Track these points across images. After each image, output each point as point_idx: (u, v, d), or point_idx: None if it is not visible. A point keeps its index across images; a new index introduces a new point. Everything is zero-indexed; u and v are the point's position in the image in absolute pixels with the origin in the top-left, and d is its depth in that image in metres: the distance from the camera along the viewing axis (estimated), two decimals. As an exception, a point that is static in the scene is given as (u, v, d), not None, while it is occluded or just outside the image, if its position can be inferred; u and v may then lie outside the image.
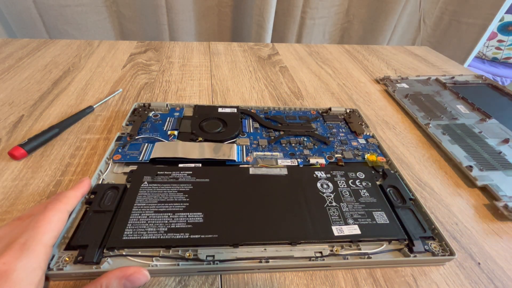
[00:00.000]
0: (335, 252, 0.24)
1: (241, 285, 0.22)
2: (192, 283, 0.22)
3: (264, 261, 0.23)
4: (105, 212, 0.25)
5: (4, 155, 0.32)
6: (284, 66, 0.60)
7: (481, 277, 0.24)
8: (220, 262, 0.22)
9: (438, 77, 0.57)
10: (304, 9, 1.01)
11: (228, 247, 0.23)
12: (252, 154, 0.33)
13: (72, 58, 0.55)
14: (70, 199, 0.23)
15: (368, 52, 0.71)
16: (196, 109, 0.40)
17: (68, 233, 0.23)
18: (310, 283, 0.23)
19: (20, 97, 0.42)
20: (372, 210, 0.27)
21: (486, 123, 0.43)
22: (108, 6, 0.90)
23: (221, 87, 0.50)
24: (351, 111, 0.43)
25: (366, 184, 0.30)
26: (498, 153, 0.37)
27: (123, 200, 0.26)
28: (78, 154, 0.33)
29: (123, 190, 0.27)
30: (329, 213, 0.26)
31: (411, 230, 0.25)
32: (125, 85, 0.48)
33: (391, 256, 0.24)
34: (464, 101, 0.49)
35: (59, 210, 0.21)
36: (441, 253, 0.24)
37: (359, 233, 0.25)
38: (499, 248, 0.27)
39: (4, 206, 0.26)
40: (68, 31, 0.89)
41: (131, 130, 0.35)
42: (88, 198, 0.26)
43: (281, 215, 0.26)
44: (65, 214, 0.22)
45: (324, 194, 0.28)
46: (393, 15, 1.04)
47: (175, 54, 0.61)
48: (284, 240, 0.24)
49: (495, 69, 1.54)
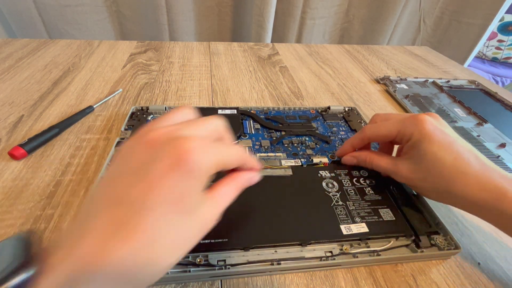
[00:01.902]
0: (345, 251, 0.24)
1: (241, 285, 0.22)
2: (192, 283, 0.22)
3: (276, 263, 0.23)
4: None
5: (4, 155, 0.32)
6: (284, 66, 0.60)
7: (481, 277, 0.24)
8: (232, 266, 0.22)
9: (435, 80, 0.57)
10: (304, 9, 1.01)
11: (238, 251, 0.23)
12: (256, 155, 0.33)
13: (72, 58, 0.55)
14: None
15: (368, 52, 0.71)
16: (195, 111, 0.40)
17: None
18: (310, 283, 0.23)
19: (20, 97, 0.42)
20: (378, 208, 0.27)
21: (483, 127, 0.44)
22: (108, 6, 0.90)
23: (221, 87, 0.50)
24: (350, 109, 0.43)
25: (370, 182, 0.30)
26: (497, 157, 0.38)
27: None
28: (78, 154, 0.33)
29: None
30: (336, 212, 0.26)
31: (417, 225, 0.26)
32: (125, 85, 0.48)
33: (399, 252, 0.25)
34: (460, 105, 0.50)
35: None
36: (447, 247, 0.25)
37: (367, 231, 0.25)
38: (499, 248, 0.27)
39: (4, 206, 0.26)
40: (68, 31, 0.89)
41: (131, 135, 0.34)
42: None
43: (289, 216, 0.26)
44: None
45: (330, 193, 0.28)
46: (393, 15, 1.04)
47: (175, 54, 0.61)
48: (294, 241, 0.24)
49: (495, 69, 1.54)
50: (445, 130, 0.25)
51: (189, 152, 0.15)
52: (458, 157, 0.23)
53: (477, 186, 0.22)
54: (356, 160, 0.31)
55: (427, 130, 0.24)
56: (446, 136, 0.24)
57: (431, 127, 0.24)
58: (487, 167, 0.23)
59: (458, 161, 0.23)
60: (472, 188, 0.23)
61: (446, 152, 0.23)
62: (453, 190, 0.23)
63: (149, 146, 0.16)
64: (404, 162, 0.26)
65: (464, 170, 0.23)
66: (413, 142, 0.25)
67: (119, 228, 0.14)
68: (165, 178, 0.15)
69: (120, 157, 0.17)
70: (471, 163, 0.23)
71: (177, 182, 0.15)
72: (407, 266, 0.25)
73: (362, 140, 0.30)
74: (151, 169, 0.15)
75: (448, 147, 0.24)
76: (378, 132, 0.28)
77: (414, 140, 0.25)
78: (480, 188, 0.22)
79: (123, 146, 0.18)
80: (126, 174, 0.16)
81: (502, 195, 0.22)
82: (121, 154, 0.17)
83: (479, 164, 0.23)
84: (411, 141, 0.25)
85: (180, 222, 0.16)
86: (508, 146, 0.40)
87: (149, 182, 0.15)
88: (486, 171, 0.23)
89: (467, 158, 0.23)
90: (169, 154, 0.15)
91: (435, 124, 0.25)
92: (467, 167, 0.23)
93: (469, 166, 0.23)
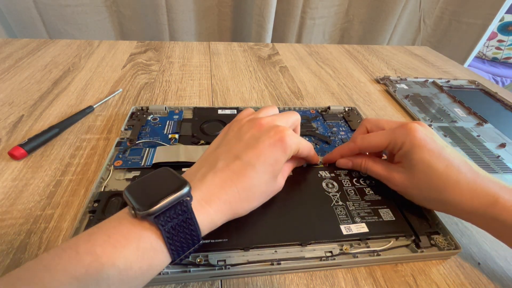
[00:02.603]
0: (345, 251, 0.24)
1: (241, 285, 0.22)
2: (192, 283, 0.22)
3: (276, 263, 0.23)
4: None
5: (4, 155, 0.32)
6: (284, 66, 0.60)
7: (481, 277, 0.24)
8: (232, 266, 0.22)
9: (435, 80, 0.57)
10: (304, 9, 1.01)
11: (238, 251, 0.23)
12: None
13: (72, 58, 0.55)
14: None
15: (368, 52, 0.71)
16: (196, 111, 0.40)
17: None
18: (310, 283, 0.23)
19: (20, 97, 0.42)
20: (378, 208, 0.27)
21: (483, 127, 0.44)
22: (108, 6, 0.90)
23: (221, 87, 0.50)
24: (350, 109, 0.43)
25: (370, 182, 0.30)
26: (497, 157, 0.38)
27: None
28: (78, 154, 0.33)
29: None
30: (336, 212, 0.26)
31: (417, 226, 0.26)
32: (125, 85, 0.48)
33: (399, 252, 0.25)
34: (460, 105, 0.50)
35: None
36: (447, 247, 0.25)
37: (367, 231, 0.25)
38: (499, 248, 0.27)
39: (4, 206, 0.26)
40: (68, 31, 0.89)
41: (131, 135, 0.34)
42: (91, 207, 0.25)
43: (289, 216, 0.26)
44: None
45: (330, 193, 0.28)
46: (393, 15, 1.04)
47: (175, 54, 0.61)
48: (294, 241, 0.24)
49: (495, 69, 1.54)
50: (434, 138, 0.25)
51: (286, 136, 0.23)
52: (450, 165, 0.23)
53: (469, 194, 0.23)
54: (352, 164, 0.31)
55: (418, 139, 0.24)
56: (436, 144, 0.24)
57: (421, 135, 0.25)
58: (478, 174, 0.23)
59: (450, 169, 0.23)
60: (465, 196, 0.23)
61: (437, 160, 0.24)
62: (445, 198, 0.24)
63: (259, 127, 0.24)
64: (398, 170, 0.27)
65: (456, 178, 0.23)
66: (404, 152, 0.25)
67: (234, 174, 0.22)
68: (268, 150, 0.23)
69: (238, 129, 0.25)
70: (462, 171, 0.23)
71: (275, 153, 0.23)
72: (407, 266, 0.25)
73: (352, 150, 0.30)
74: (260, 142, 0.23)
75: (439, 155, 0.24)
76: (369, 143, 0.28)
77: (405, 149, 0.25)
78: (472, 195, 0.22)
79: (236, 122, 0.26)
80: (242, 141, 0.23)
81: (494, 202, 0.22)
82: (237, 127, 0.25)
83: (470, 172, 0.23)
84: (402, 150, 0.26)
85: (268, 180, 0.23)
86: (508, 146, 0.40)
87: (258, 150, 0.22)
88: (478, 178, 0.23)
89: (457, 165, 0.23)
90: (273, 135, 0.23)
91: (425, 133, 0.25)
92: (458, 175, 0.23)
93: (461, 174, 0.23)
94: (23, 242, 0.24)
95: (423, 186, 0.25)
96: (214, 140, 0.26)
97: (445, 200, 0.24)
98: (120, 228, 0.18)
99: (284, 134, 0.23)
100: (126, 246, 0.17)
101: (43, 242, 0.24)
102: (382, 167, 0.28)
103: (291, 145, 0.24)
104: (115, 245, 0.17)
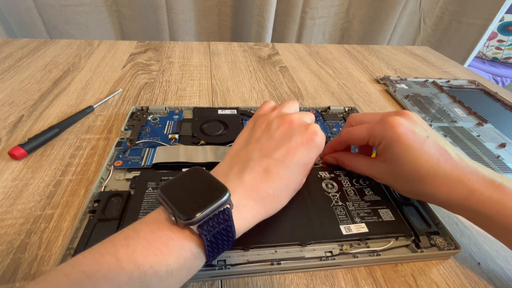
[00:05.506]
0: (345, 251, 0.24)
1: (241, 285, 0.22)
2: (192, 283, 0.22)
3: (276, 263, 0.23)
4: (110, 220, 0.24)
5: (4, 155, 0.32)
6: (284, 66, 0.60)
7: (481, 277, 0.24)
8: (232, 266, 0.22)
9: (435, 80, 0.57)
10: (304, 9, 1.01)
11: (238, 251, 0.23)
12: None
13: (72, 58, 0.55)
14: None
15: (368, 52, 0.71)
16: (196, 111, 0.40)
17: (73, 244, 0.23)
18: (310, 283, 0.23)
19: (20, 97, 0.42)
20: (378, 208, 0.27)
21: (483, 127, 0.44)
22: (108, 6, 0.90)
23: (221, 87, 0.50)
24: (350, 109, 0.43)
25: (370, 182, 0.30)
26: (497, 157, 0.38)
27: (128, 207, 0.25)
28: (78, 154, 0.33)
29: (127, 197, 0.26)
30: (336, 213, 0.26)
31: (417, 226, 0.26)
32: (125, 85, 0.48)
33: (399, 253, 0.25)
34: (460, 105, 0.50)
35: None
36: (447, 247, 0.25)
37: (367, 231, 0.25)
38: (499, 248, 0.27)
39: (4, 206, 0.26)
40: (68, 31, 0.89)
41: (131, 135, 0.34)
42: (91, 207, 0.25)
43: (289, 216, 0.26)
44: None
45: (330, 194, 0.28)
46: (393, 15, 1.04)
47: (175, 54, 0.61)
48: (294, 241, 0.24)
49: (495, 69, 1.54)
50: (415, 130, 0.24)
51: (316, 135, 0.24)
52: (429, 159, 0.23)
53: (446, 187, 0.23)
54: (335, 161, 0.31)
55: (397, 133, 0.24)
56: (416, 137, 0.24)
57: (400, 130, 0.24)
58: (457, 165, 0.23)
59: (428, 163, 0.23)
60: (442, 189, 0.23)
61: (416, 155, 0.23)
62: (424, 191, 0.24)
63: (289, 124, 0.24)
64: (380, 164, 0.27)
65: (434, 171, 0.23)
66: (383, 146, 0.25)
67: (267, 173, 0.22)
68: (299, 148, 0.23)
69: (266, 125, 0.25)
70: (441, 164, 0.23)
71: (306, 152, 0.23)
72: (407, 266, 0.25)
73: (339, 143, 0.30)
74: (292, 141, 0.23)
75: (418, 149, 0.23)
76: (352, 136, 0.28)
77: (384, 143, 0.25)
78: (449, 188, 0.23)
79: (262, 117, 0.26)
80: (273, 139, 0.24)
81: (469, 195, 0.22)
82: (265, 123, 0.25)
83: (450, 164, 0.23)
84: (381, 145, 0.26)
85: (300, 179, 0.24)
86: (508, 146, 0.40)
87: (290, 148, 0.23)
88: (456, 170, 0.23)
89: (437, 159, 0.23)
90: (304, 133, 0.24)
91: (406, 125, 0.24)
92: (437, 169, 0.23)
93: (439, 167, 0.23)
94: (23, 242, 0.24)
95: (403, 179, 0.25)
96: (240, 135, 0.26)
97: (425, 193, 0.24)
98: (159, 234, 0.17)
99: (316, 133, 0.24)
100: (168, 254, 0.16)
101: (43, 242, 0.24)
102: (365, 162, 0.29)
103: (321, 143, 0.24)
104: (156, 253, 0.16)
